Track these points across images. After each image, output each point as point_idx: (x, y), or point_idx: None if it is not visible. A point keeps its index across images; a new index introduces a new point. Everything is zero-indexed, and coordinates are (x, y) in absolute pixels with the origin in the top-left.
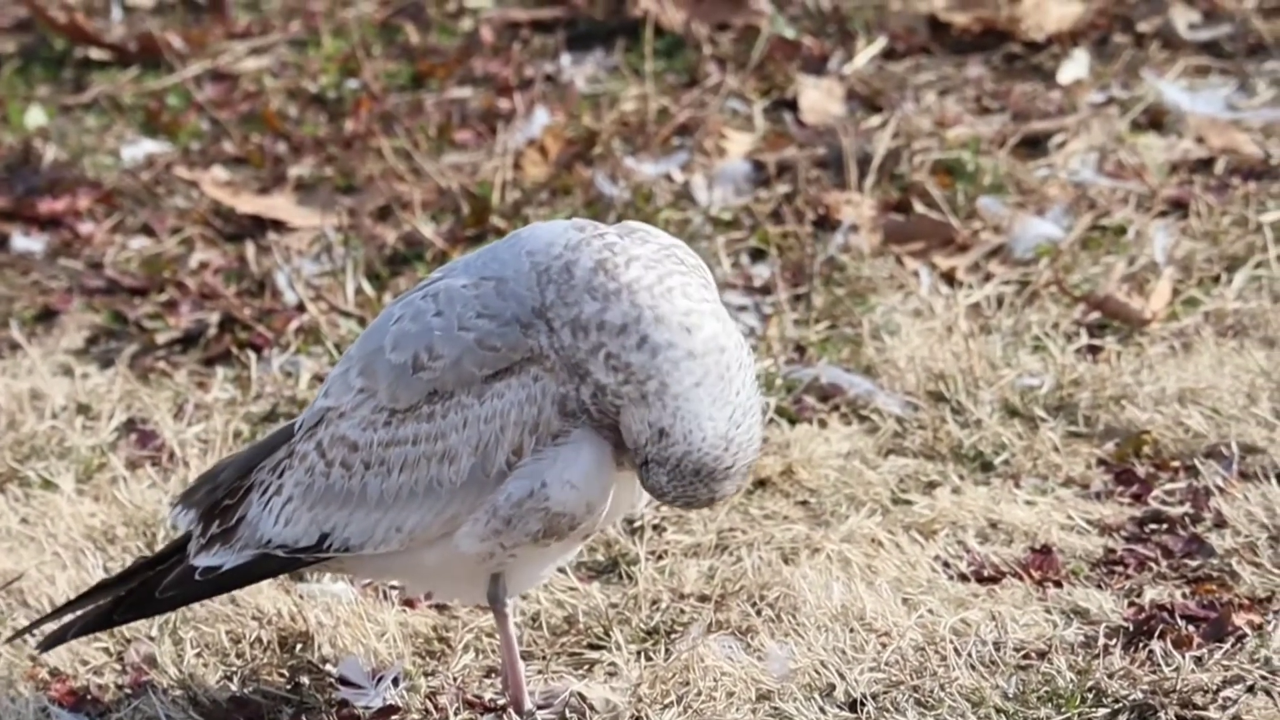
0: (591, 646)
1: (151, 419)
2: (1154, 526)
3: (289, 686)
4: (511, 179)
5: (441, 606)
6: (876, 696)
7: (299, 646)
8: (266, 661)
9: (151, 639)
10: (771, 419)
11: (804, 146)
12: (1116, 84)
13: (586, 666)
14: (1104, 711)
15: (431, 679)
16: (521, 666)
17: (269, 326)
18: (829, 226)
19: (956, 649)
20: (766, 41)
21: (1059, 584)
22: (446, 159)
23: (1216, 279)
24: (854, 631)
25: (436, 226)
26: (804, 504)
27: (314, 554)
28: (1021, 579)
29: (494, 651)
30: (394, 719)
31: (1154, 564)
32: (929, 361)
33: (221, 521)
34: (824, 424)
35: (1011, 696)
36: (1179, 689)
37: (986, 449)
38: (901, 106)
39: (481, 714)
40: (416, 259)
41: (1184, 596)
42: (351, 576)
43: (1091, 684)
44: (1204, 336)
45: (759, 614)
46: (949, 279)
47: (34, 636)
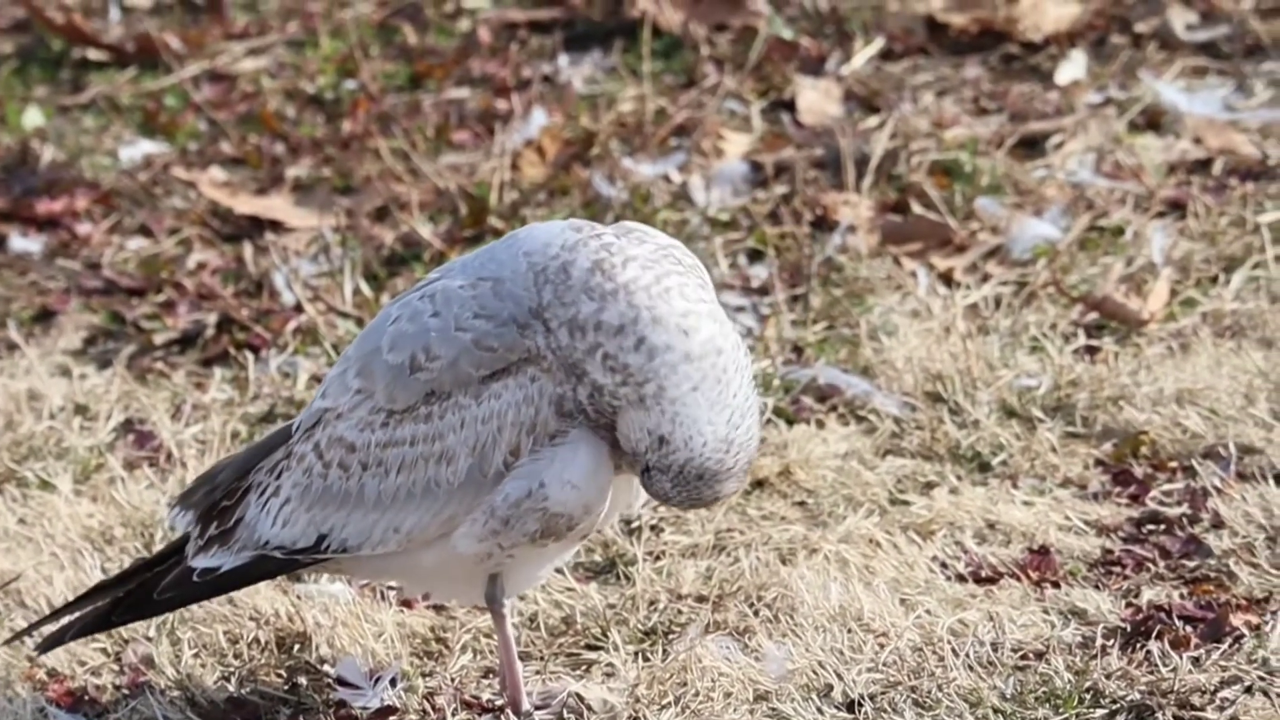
0: (589, 647)
1: (149, 419)
2: (1152, 527)
3: (286, 687)
4: (509, 179)
5: (439, 607)
6: (874, 697)
7: (297, 647)
8: (264, 662)
9: (149, 639)
10: (769, 419)
11: (802, 147)
12: (1114, 85)
13: (584, 667)
14: (1102, 712)
15: (429, 679)
16: (519, 667)
17: (267, 327)
18: (827, 227)
19: (954, 649)
20: (764, 42)
21: (1057, 584)
22: (444, 159)
23: (1214, 280)
24: (851, 632)
25: (434, 227)
26: (801, 504)
27: (312, 555)
28: (1019, 579)
29: (492, 652)
30: (391, 719)
31: (1152, 564)
32: (927, 362)
33: (219, 523)
34: (822, 424)
35: (1009, 697)
36: (1176, 689)
37: (984, 449)
38: (899, 107)
39: (479, 714)
40: (414, 259)
41: (1182, 597)
42: (349, 577)
43: (1089, 684)
44: (1202, 337)
45: (756, 614)
46: (947, 279)
47: (32, 637)
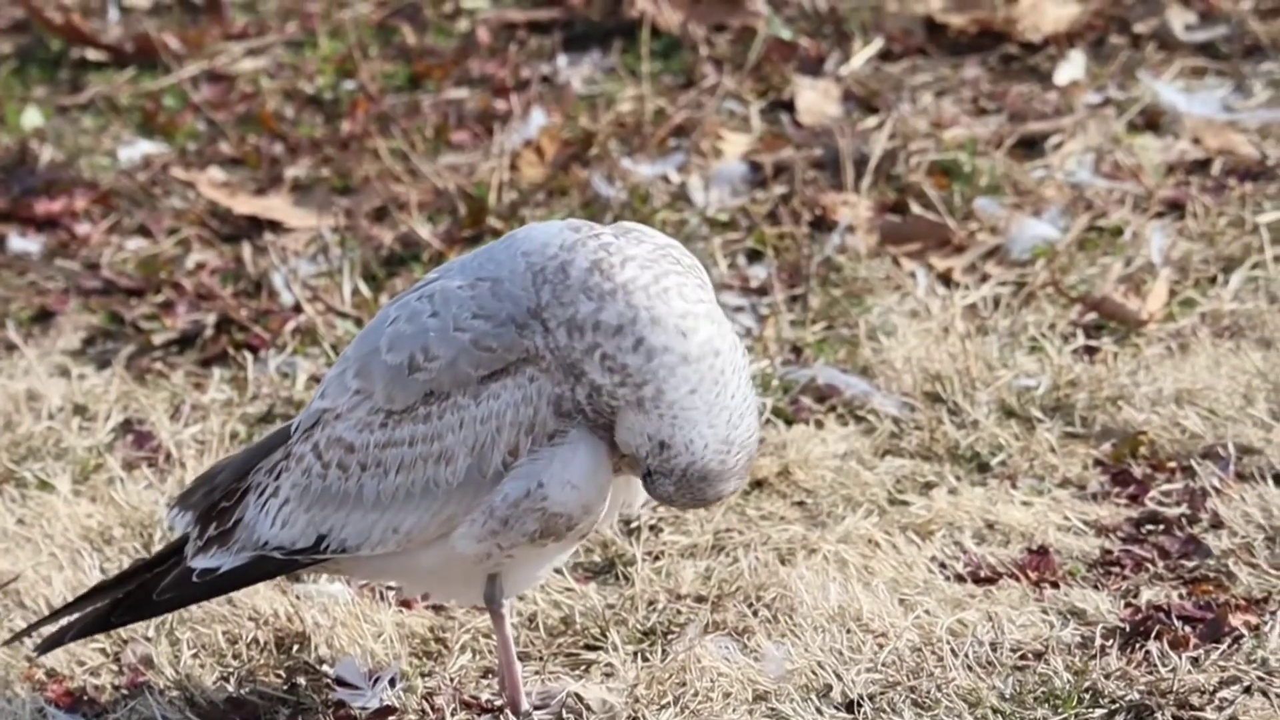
0: (588, 647)
1: (148, 420)
2: (1151, 527)
3: (286, 687)
4: (508, 180)
5: (438, 607)
6: (873, 697)
7: (296, 647)
8: (263, 662)
9: (148, 640)
10: (768, 420)
11: (800, 147)
12: (1113, 85)
13: (583, 667)
14: (1101, 712)
15: (428, 680)
16: (518, 667)
17: (266, 327)
18: (825, 227)
19: (953, 649)
20: (763, 42)
21: (1056, 585)
22: (443, 160)
23: (1213, 280)
24: (851, 632)
25: (433, 227)
26: (800, 505)
27: (311, 555)
28: (1018, 580)
29: (491, 652)
30: (390, 719)
31: (1151, 565)
32: (925, 362)
33: (219, 523)
34: (820, 425)
35: (1008, 697)
36: (1175, 690)
37: (983, 450)
38: (898, 107)
39: (478, 715)
40: (413, 260)
41: (1181, 597)
42: (348, 577)
43: (1088, 685)
44: (1200, 337)
45: (756, 615)
46: (945, 280)
47: (31, 638)
